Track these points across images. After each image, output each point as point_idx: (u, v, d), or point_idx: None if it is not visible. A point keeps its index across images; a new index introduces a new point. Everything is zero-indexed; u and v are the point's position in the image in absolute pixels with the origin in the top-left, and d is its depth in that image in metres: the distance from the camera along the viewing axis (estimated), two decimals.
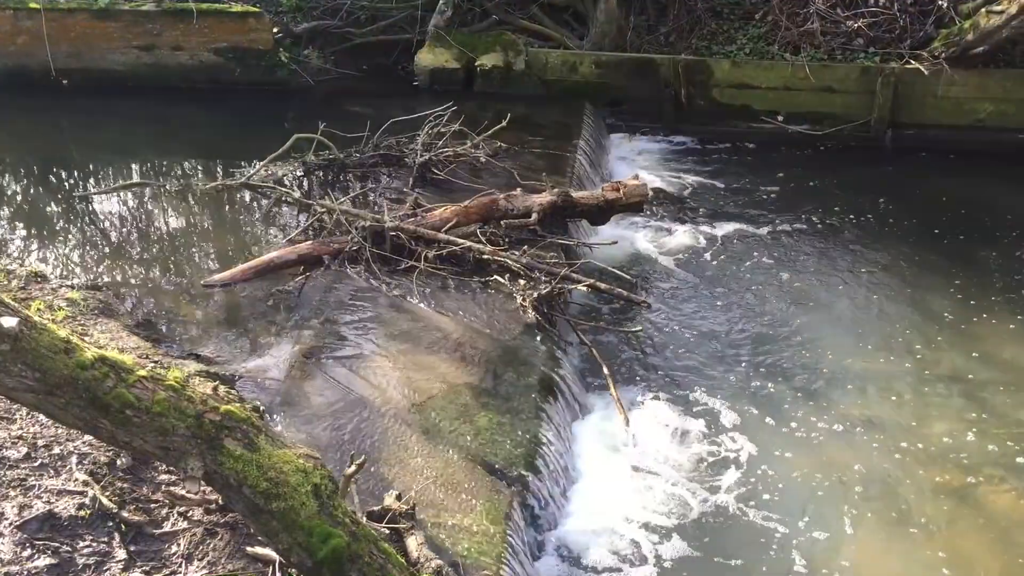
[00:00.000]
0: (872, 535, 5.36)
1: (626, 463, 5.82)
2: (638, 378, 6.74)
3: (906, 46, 10.75)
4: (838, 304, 7.76)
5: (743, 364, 6.93)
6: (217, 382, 3.72)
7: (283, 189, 8.36)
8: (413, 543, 4.11)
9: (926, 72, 10.39)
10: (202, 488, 4.10)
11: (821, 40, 10.99)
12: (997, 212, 9.34)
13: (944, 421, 6.30)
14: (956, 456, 5.95)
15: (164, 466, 4.28)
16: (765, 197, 9.79)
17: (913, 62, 10.52)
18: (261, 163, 8.74)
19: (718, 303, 7.80)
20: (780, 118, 11.06)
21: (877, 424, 6.25)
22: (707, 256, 8.57)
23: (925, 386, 6.67)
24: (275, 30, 11.97)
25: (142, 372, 3.41)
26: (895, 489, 5.69)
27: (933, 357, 7.01)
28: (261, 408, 4.85)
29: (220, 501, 4.04)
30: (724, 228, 9.06)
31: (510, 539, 4.51)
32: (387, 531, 4.15)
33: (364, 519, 4.02)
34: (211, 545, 4.02)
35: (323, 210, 7.60)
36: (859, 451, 6.01)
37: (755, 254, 8.58)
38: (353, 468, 4.02)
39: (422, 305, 6.50)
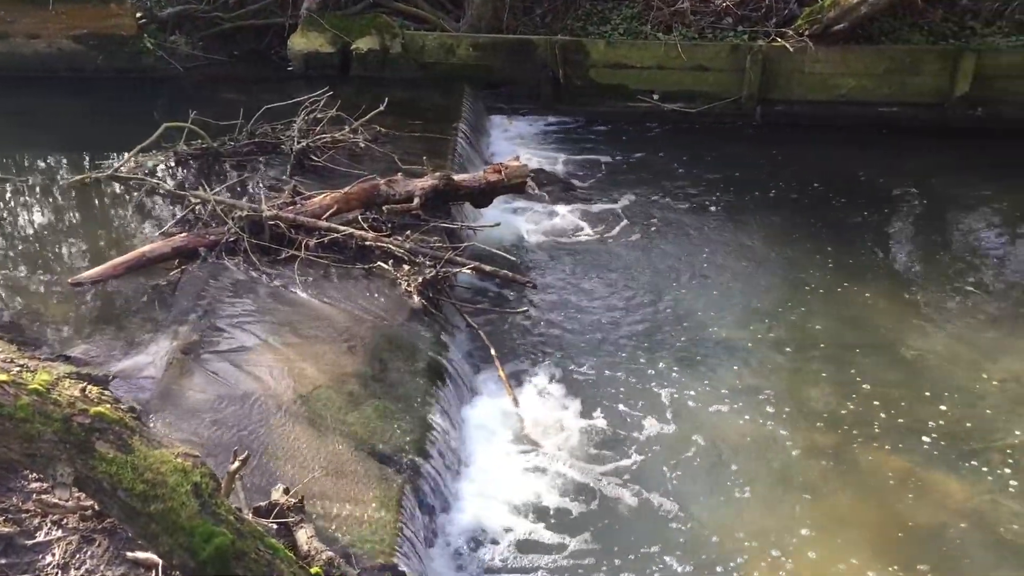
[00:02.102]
0: (755, 498, 5.55)
1: (516, 442, 5.86)
2: (527, 358, 6.78)
3: (772, 24, 11.10)
4: (717, 276, 7.98)
5: (628, 340, 7.06)
6: (87, 383, 3.55)
7: (154, 180, 8.06)
8: (303, 536, 4.04)
9: (792, 49, 10.76)
10: (76, 494, 3.93)
11: (692, 19, 11.24)
12: (861, 182, 9.77)
13: (819, 385, 6.57)
14: (831, 418, 6.21)
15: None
16: (643, 175, 9.98)
17: (779, 40, 10.87)
18: (129, 154, 8.40)
19: (602, 280, 7.91)
20: (655, 96, 11.28)
21: (757, 391, 6.47)
22: (590, 234, 8.69)
23: (800, 352, 6.94)
24: (138, 15, 11.50)
25: (2, 377, 3.23)
26: (776, 453, 5.91)
27: (807, 324, 7.29)
28: (137, 408, 4.66)
29: (96, 507, 3.88)
30: (605, 206, 9.21)
31: (402, 526, 4.48)
32: (275, 526, 4.07)
33: (250, 515, 3.92)
34: (88, 553, 3.86)
35: (197, 201, 7.36)
36: (741, 418, 6.21)
37: (636, 231, 8.75)
38: (236, 464, 3.92)
39: (304, 295, 6.37)
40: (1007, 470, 5.75)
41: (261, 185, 7.97)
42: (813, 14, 10.81)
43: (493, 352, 6.51)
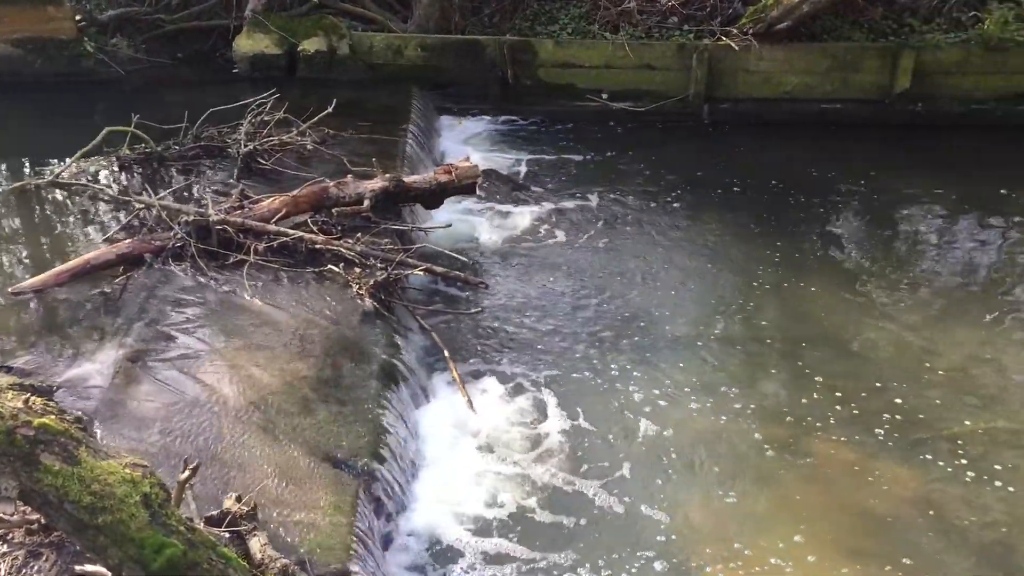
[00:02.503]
0: (711, 492, 5.60)
1: (472, 444, 5.85)
2: (481, 359, 6.77)
3: (717, 23, 11.23)
4: (669, 274, 8.04)
5: (582, 338, 7.08)
6: (31, 394, 3.46)
7: (97, 186, 7.90)
8: (256, 544, 3.98)
9: (737, 48, 10.89)
10: (21, 508, 3.84)
11: (638, 19, 11.33)
12: (807, 178, 9.92)
13: (771, 379, 6.65)
14: (784, 411, 6.29)
15: None
16: (594, 174, 10.03)
17: (724, 38, 11.00)
18: (71, 159, 8.23)
19: (554, 279, 7.93)
20: (604, 96, 11.34)
21: (712, 387, 6.53)
22: (541, 233, 8.71)
23: (753, 347, 7.02)
24: (78, 18, 11.27)
25: None
26: (731, 447, 5.96)
27: (759, 319, 7.38)
28: (83, 419, 4.56)
29: (42, 520, 3.79)
30: (556, 205, 9.23)
31: (358, 530, 4.44)
32: (228, 535, 4.01)
33: (202, 525, 3.86)
34: (35, 567, 3.76)
35: (142, 206, 7.22)
36: (696, 414, 6.26)
37: (587, 229, 8.78)
38: (187, 474, 3.85)
39: (255, 299, 6.29)
40: (954, 458, 5.87)
41: (208, 189, 7.86)
42: (757, 13, 10.95)
43: (447, 353, 6.49)
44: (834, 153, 10.51)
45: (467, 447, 5.83)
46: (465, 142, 10.83)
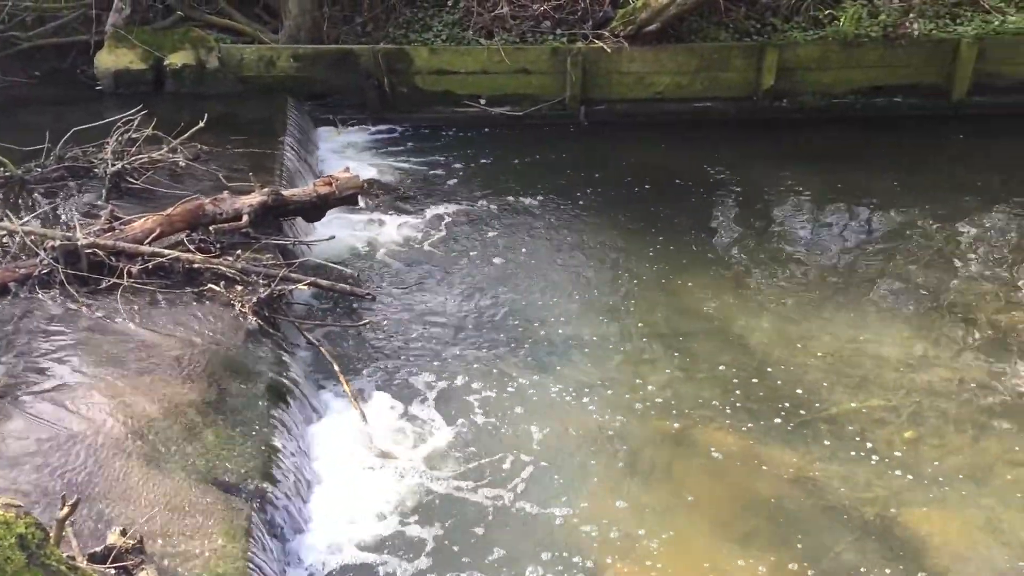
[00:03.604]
0: (604, 489, 5.68)
1: (367, 459, 5.76)
2: (373, 371, 6.70)
3: (589, 26, 11.42)
4: (555, 276, 8.13)
5: (472, 344, 7.08)
6: None
7: None
8: None
9: (609, 50, 11.10)
10: None
11: (512, 24, 11.42)
12: (682, 175, 10.18)
13: (658, 373, 6.79)
14: (671, 404, 6.44)
15: None
16: (476, 179, 10.06)
17: (597, 41, 11.19)
18: None
19: (443, 286, 7.92)
20: (482, 101, 11.39)
21: (601, 385, 6.63)
22: (427, 241, 8.68)
23: (639, 343, 7.16)
24: None
25: None
26: (622, 442, 6.06)
27: (643, 315, 7.53)
28: None
29: None
30: (440, 212, 9.22)
31: (252, 555, 4.32)
32: (114, 571, 3.84)
33: (85, 563, 3.69)
34: None
35: (4, 232, 6.86)
36: (587, 412, 6.34)
37: (473, 235, 8.80)
38: (65, 511, 3.67)
39: (131, 324, 6.05)
40: (834, 438, 6.12)
41: (75, 212, 7.51)
42: (626, 16, 11.19)
43: (336, 368, 6.39)
44: (707, 150, 10.83)
45: (362, 461, 5.74)
46: (345, 153, 10.70)
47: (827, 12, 11.61)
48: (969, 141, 11.14)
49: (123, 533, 4.08)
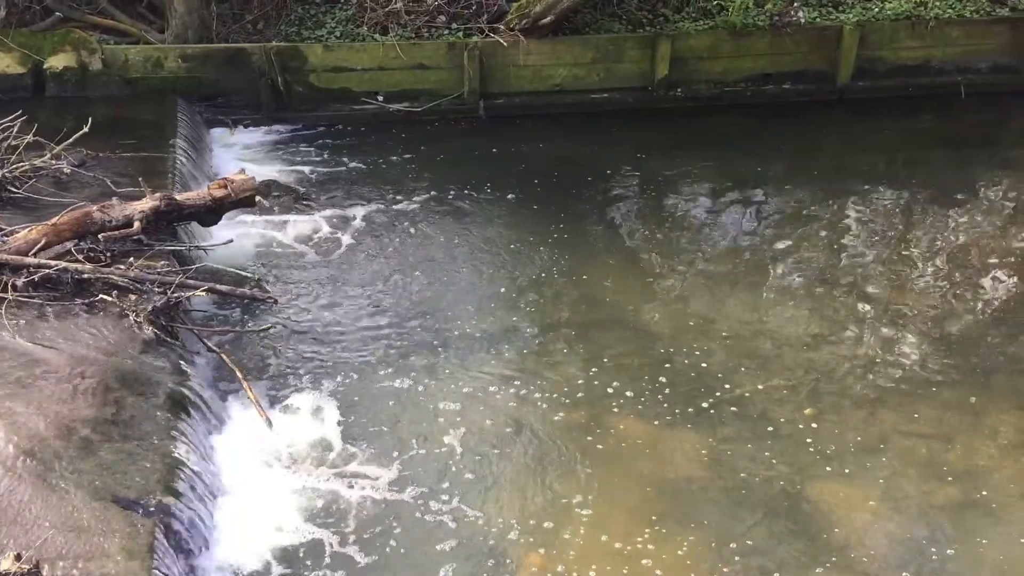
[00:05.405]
0: (516, 482, 5.70)
1: (275, 467, 5.66)
2: (278, 377, 6.57)
3: (484, 20, 11.38)
4: (460, 272, 8.10)
5: (379, 344, 7.00)
6: None
7: None
8: None
9: (505, 44, 11.10)
10: None
11: (407, 19, 11.29)
12: (583, 166, 10.26)
13: (566, 365, 6.84)
14: (580, 394, 6.50)
15: None
16: (377, 178, 9.93)
17: (493, 35, 11.17)
18: None
19: (347, 287, 7.80)
20: (380, 98, 11.24)
21: (511, 378, 6.64)
22: (329, 241, 8.55)
23: (547, 335, 7.20)
24: None
25: None
26: (534, 435, 6.09)
27: (550, 307, 7.58)
28: None
29: None
30: (341, 212, 9.08)
31: (156, 573, 4.18)
32: None
33: None
34: None
35: None
36: (497, 407, 6.35)
37: (375, 234, 8.70)
38: None
39: (17, 339, 5.78)
40: (738, 419, 6.27)
41: None
42: (521, 9, 11.20)
43: (239, 375, 6.23)
44: (606, 141, 10.93)
45: (268, 468, 5.64)
46: (240, 154, 10.43)
47: (715, 2, 11.84)
48: (854, 125, 11.53)
49: (17, 558, 3.90)
